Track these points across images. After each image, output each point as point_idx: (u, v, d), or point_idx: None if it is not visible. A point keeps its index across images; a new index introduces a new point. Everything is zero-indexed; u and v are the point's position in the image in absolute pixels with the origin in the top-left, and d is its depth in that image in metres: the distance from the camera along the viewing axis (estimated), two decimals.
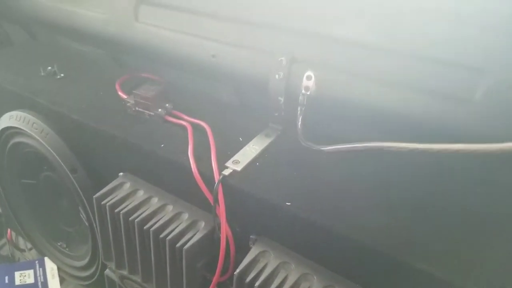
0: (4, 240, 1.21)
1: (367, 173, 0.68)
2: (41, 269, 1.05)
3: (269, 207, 0.64)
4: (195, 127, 0.77)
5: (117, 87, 0.87)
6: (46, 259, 1.06)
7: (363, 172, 0.68)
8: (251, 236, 0.67)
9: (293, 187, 0.65)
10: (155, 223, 0.70)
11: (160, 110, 0.79)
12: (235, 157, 0.71)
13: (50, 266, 1.05)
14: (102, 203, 0.73)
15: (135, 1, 0.85)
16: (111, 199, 0.73)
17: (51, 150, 0.85)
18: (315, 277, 0.61)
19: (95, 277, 0.94)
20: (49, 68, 0.95)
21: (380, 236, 0.57)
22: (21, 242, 1.20)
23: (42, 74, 0.95)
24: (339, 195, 0.64)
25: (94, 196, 0.75)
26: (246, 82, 0.79)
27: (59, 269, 1.06)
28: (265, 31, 0.74)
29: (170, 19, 0.83)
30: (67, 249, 1.03)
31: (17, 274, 1.04)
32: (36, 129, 0.87)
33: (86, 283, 0.99)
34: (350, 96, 0.69)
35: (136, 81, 0.88)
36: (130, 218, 0.71)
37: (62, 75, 0.94)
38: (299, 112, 0.72)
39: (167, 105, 0.80)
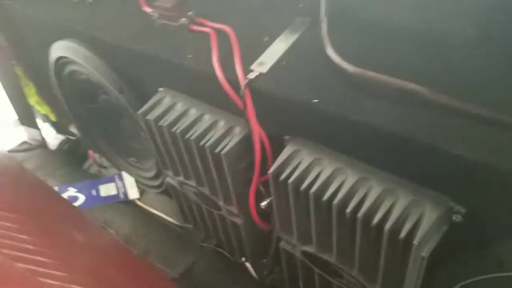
0: (90, 160, 1.37)
1: None
2: (121, 182, 1.19)
3: (297, 106, 0.62)
4: (219, 32, 0.74)
5: (141, 1, 0.85)
6: (124, 173, 1.19)
7: None
8: (285, 137, 0.67)
9: (321, 82, 0.61)
10: (194, 132, 0.72)
11: (183, 19, 0.77)
12: (261, 58, 0.68)
13: (128, 179, 1.19)
14: (146, 118, 0.77)
15: None
16: (153, 114, 0.77)
17: (98, 75, 0.90)
18: (349, 170, 0.60)
19: (164, 185, 1.04)
20: None
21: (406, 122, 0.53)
22: (104, 161, 1.36)
23: (73, 0, 0.96)
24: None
25: (137, 113, 0.79)
26: None
27: (136, 181, 1.20)
28: None
29: None
30: (138, 163, 1.14)
31: (101, 187, 1.19)
32: (82, 56, 0.91)
33: (159, 190, 1.10)
34: None
35: None
36: (171, 130, 0.74)
37: (91, 0, 0.95)
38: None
39: (189, 13, 0.77)
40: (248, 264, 1.01)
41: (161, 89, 0.81)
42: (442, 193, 0.54)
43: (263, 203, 0.72)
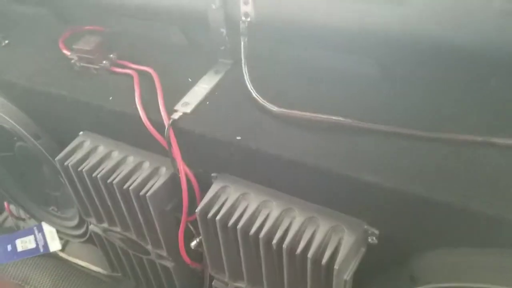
0: (5, 213, 1.26)
1: None
2: (40, 233, 1.10)
3: (221, 144, 0.64)
4: (142, 74, 0.75)
5: (60, 45, 0.84)
6: (43, 224, 1.11)
7: None
8: (212, 174, 0.68)
9: (244, 121, 0.64)
10: (118, 175, 0.71)
11: (104, 62, 0.77)
12: (184, 99, 0.70)
13: (49, 230, 1.10)
14: (65, 164, 0.74)
15: None
16: (73, 159, 0.74)
17: (11, 121, 0.85)
18: (274, 203, 0.62)
19: (88, 233, 0.98)
20: None
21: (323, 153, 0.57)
22: (22, 212, 1.25)
23: None
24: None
25: (56, 159, 0.75)
26: (187, 17, 0.75)
27: (57, 231, 1.12)
28: None
29: None
30: (59, 212, 1.07)
31: (18, 241, 1.09)
32: None
33: (83, 239, 1.04)
34: (297, 16, 0.65)
35: (79, 35, 0.85)
36: (93, 175, 0.72)
37: (6, 41, 0.91)
38: (242, 44, 0.69)
39: (111, 55, 0.78)
40: None
41: (81, 133, 0.79)
42: (357, 217, 0.59)
43: (193, 243, 0.72)
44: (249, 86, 0.66)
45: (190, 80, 0.74)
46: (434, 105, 0.62)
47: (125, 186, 0.69)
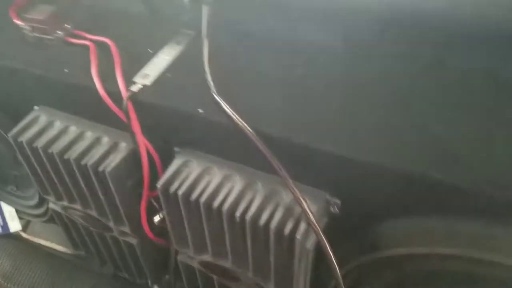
0: None
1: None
2: None
3: (183, 117, 0.62)
4: (99, 45, 0.72)
5: (11, 14, 0.79)
6: (2, 204, 1.07)
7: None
8: (174, 149, 0.67)
9: (205, 93, 0.63)
10: (75, 151, 0.68)
11: (59, 32, 0.72)
12: (144, 70, 0.67)
13: (8, 210, 1.06)
14: (19, 140, 0.71)
15: None
16: (28, 135, 0.71)
17: None
18: (237, 176, 0.62)
19: (49, 212, 0.95)
20: None
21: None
22: None
23: None
24: (251, 93, 0.63)
25: (9, 135, 0.72)
26: None
27: (17, 211, 1.08)
28: None
29: None
30: (18, 191, 1.03)
31: None
32: None
33: (44, 219, 1.01)
34: None
35: (32, 3, 0.79)
36: (49, 151, 0.69)
37: None
38: (203, 12, 0.66)
39: (66, 25, 0.73)
40: (154, 286, 0.97)
41: (36, 107, 0.75)
42: (319, 188, 0.59)
43: (156, 219, 0.70)
44: (206, 65, 0.64)
45: (150, 51, 0.71)
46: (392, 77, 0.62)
47: (82, 162, 0.67)
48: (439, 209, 0.53)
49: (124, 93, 0.63)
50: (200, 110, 0.60)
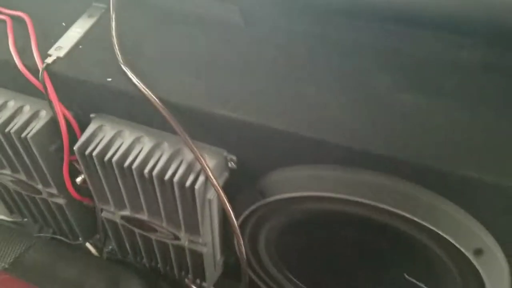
0: None
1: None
2: None
3: (94, 86, 0.69)
4: (15, 19, 0.76)
5: None
6: None
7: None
8: (91, 115, 0.73)
9: (114, 64, 0.69)
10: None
11: None
12: (58, 43, 0.73)
13: None
14: None
15: None
16: None
17: None
18: (146, 138, 0.70)
19: None
20: None
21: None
22: None
23: None
24: (156, 63, 0.70)
25: None
26: None
27: None
28: None
29: None
30: None
31: None
32: None
33: None
34: None
35: None
36: None
37: None
38: None
39: None
40: (87, 244, 1.05)
41: None
42: (218, 146, 0.69)
43: (78, 179, 0.78)
44: (114, 37, 0.70)
45: (64, 24, 0.76)
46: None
47: (6, 130, 0.72)
48: (315, 161, 0.64)
49: (40, 65, 0.69)
50: (109, 79, 0.67)
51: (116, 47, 0.69)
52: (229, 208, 0.67)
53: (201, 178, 0.66)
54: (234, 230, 0.69)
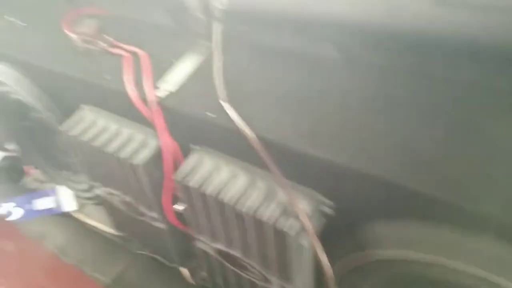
0: (28, 176, 1.40)
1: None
2: (56, 195, 1.23)
3: (199, 121, 0.71)
4: (132, 54, 0.82)
5: (63, 26, 0.92)
6: (60, 187, 1.23)
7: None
8: (192, 147, 0.76)
9: (216, 100, 0.70)
10: (112, 145, 0.79)
11: (101, 43, 0.84)
12: (167, 78, 0.77)
13: (65, 192, 1.23)
14: (68, 133, 0.84)
15: None
16: (75, 130, 0.83)
17: (27, 95, 0.95)
18: (242, 173, 0.69)
19: (96, 196, 1.10)
20: (12, 19, 1.01)
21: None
22: (43, 175, 1.39)
23: (4, 25, 1.01)
24: (257, 101, 0.69)
25: (60, 129, 0.85)
26: (175, 5, 0.81)
27: (74, 194, 1.24)
28: None
29: None
30: (72, 176, 1.19)
31: (37, 201, 1.23)
32: (11, 78, 0.96)
33: (93, 202, 1.15)
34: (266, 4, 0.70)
35: (82, 18, 0.92)
36: (92, 144, 0.81)
37: (24, 24, 1.00)
38: (214, 29, 0.74)
39: (107, 37, 0.85)
40: (182, 269, 1.08)
41: (83, 106, 0.88)
42: (315, 189, 0.65)
43: (178, 207, 0.80)
44: (217, 75, 0.71)
45: (173, 60, 0.80)
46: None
47: (119, 156, 0.78)
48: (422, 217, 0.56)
49: (151, 98, 0.73)
50: (210, 115, 0.68)
51: (219, 84, 0.70)
52: (323, 257, 0.62)
53: (296, 224, 0.62)
54: (328, 281, 0.64)
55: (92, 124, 0.84)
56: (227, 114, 0.67)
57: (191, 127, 0.74)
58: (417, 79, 0.64)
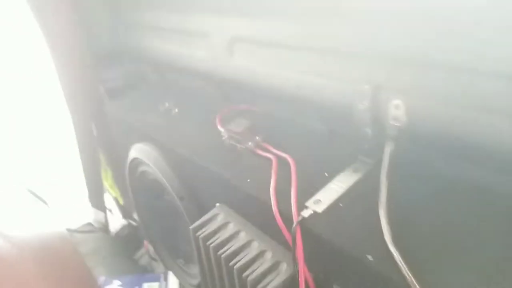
0: (143, 250, 1.40)
1: None
2: (165, 282, 1.18)
3: (349, 258, 0.58)
4: (281, 160, 0.76)
5: (217, 121, 0.92)
6: (170, 273, 1.19)
7: None
8: (334, 286, 0.62)
9: (377, 239, 0.57)
10: (240, 260, 0.70)
11: (250, 143, 0.80)
12: (317, 196, 0.67)
13: (173, 281, 1.18)
14: (197, 234, 0.78)
15: (229, 39, 0.89)
16: (205, 231, 0.77)
17: (164, 179, 0.95)
18: None
19: None
20: (167, 104, 1.07)
21: None
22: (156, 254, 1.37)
23: (161, 110, 1.07)
24: (434, 252, 0.54)
25: (190, 227, 0.80)
26: (332, 111, 0.74)
27: (180, 284, 1.18)
28: (349, 59, 0.68)
29: (259, 54, 0.84)
30: (185, 266, 1.14)
31: (145, 284, 1.19)
32: (153, 160, 0.98)
33: None
34: (454, 129, 0.58)
35: (234, 113, 0.92)
36: (218, 253, 0.73)
37: (176, 110, 1.05)
38: (386, 148, 0.63)
39: (257, 137, 0.81)
40: None
41: (218, 204, 0.83)
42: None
43: None
44: (381, 208, 0.59)
45: (326, 175, 0.71)
46: None
47: (244, 274, 0.68)
48: None
49: (295, 217, 0.64)
50: (370, 257, 0.55)
51: (384, 220, 0.57)
52: None
53: None
54: None
55: (222, 227, 0.77)
56: (391, 260, 0.53)
57: (335, 262, 0.61)
58: None
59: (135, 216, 1.52)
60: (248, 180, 0.75)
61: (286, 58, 0.79)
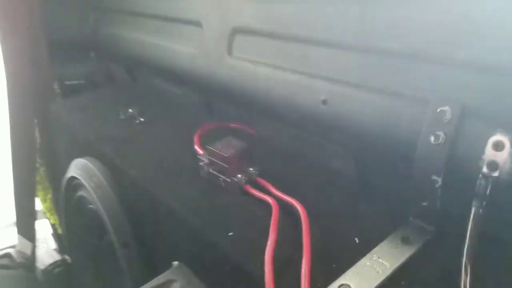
0: None
1: None
2: None
3: None
4: (285, 206, 0.49)
5: (195, 139, 0.66)
6: None
7: None
8: None
9: None
10: None
11: (239, 176, 0.53)
12: (345, 278, 0.40)
13: None
14: None
15: (230, 30, 0.65)
16: None
17: (105, 214, 0.66)
18: None
19: None
20: (130, 111, 0.80)
21: None
22: None
23: (122, 117, 0.80)
24: None
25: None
26: (373, 142, 0.49)
27: None
28: (408, 64, 0.44)
29: (269, 50, 0.59)
30: None
31: None
32: (95, 183, 0.69)
33: None
34: None
35: (222, 132, 0.65)
36: None
37: (142, 119, 0.78)
38: (473, 210, 0.38)
39: (250, 169, 0.55)
40: None
41: (175, 263, 0.54)
42: None
43: None
44: None
45: (357, 241, 0.45)
46: None
47: None
48: None
49: None
50: None
51: None
52: None
53: None
54: None
55: None
56: None
57: None
58: None
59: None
60: (231, 234, 0.47)
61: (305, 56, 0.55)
